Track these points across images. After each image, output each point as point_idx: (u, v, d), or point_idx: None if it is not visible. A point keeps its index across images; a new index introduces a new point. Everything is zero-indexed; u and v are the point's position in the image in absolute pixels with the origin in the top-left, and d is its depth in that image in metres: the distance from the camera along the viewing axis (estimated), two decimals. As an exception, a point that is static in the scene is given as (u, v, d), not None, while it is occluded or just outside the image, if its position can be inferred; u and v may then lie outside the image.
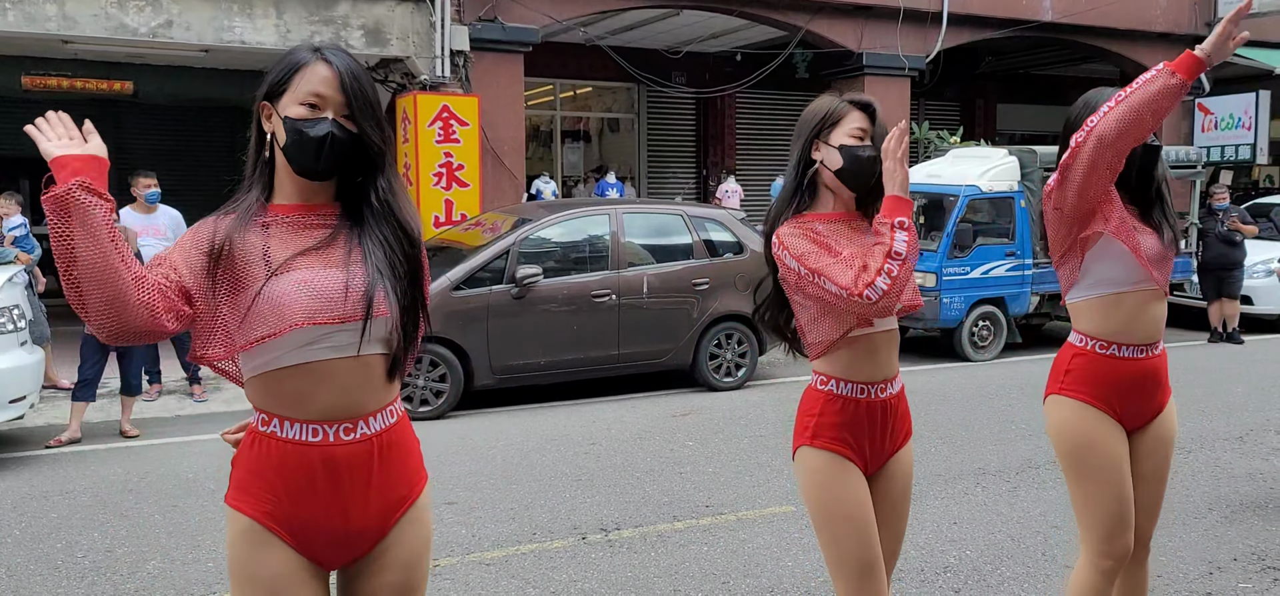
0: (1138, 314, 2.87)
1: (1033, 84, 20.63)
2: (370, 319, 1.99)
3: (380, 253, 2.04)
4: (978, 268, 10.78)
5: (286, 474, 1.99)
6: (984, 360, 10.81)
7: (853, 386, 2.59)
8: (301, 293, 1.95)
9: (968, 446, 6.80)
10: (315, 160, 1.98)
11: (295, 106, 1.99)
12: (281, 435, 1.99)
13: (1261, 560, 4.71)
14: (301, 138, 1.97)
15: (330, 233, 2.04)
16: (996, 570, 4.61)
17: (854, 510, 2.56)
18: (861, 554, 2.54)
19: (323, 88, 2.00)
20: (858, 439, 2.60)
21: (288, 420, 1.99)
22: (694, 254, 9.26)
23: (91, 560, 4.84)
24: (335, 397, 2.00)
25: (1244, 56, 17.14)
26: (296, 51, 2.06)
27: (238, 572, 2.02)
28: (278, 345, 1.97)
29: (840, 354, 2.59)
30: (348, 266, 2.01)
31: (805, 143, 2.62)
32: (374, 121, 2.04)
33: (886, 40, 14.86)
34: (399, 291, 2.04)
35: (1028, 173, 11.05)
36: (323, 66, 2.01)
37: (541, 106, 17.77)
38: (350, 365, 2.00)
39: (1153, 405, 2.98)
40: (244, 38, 10.74)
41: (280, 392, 2.00)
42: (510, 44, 12.54)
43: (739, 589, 4.43)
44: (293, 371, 1.98)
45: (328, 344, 1.99)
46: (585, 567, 4.69)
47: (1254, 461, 6.41)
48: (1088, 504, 2.92)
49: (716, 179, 17.64)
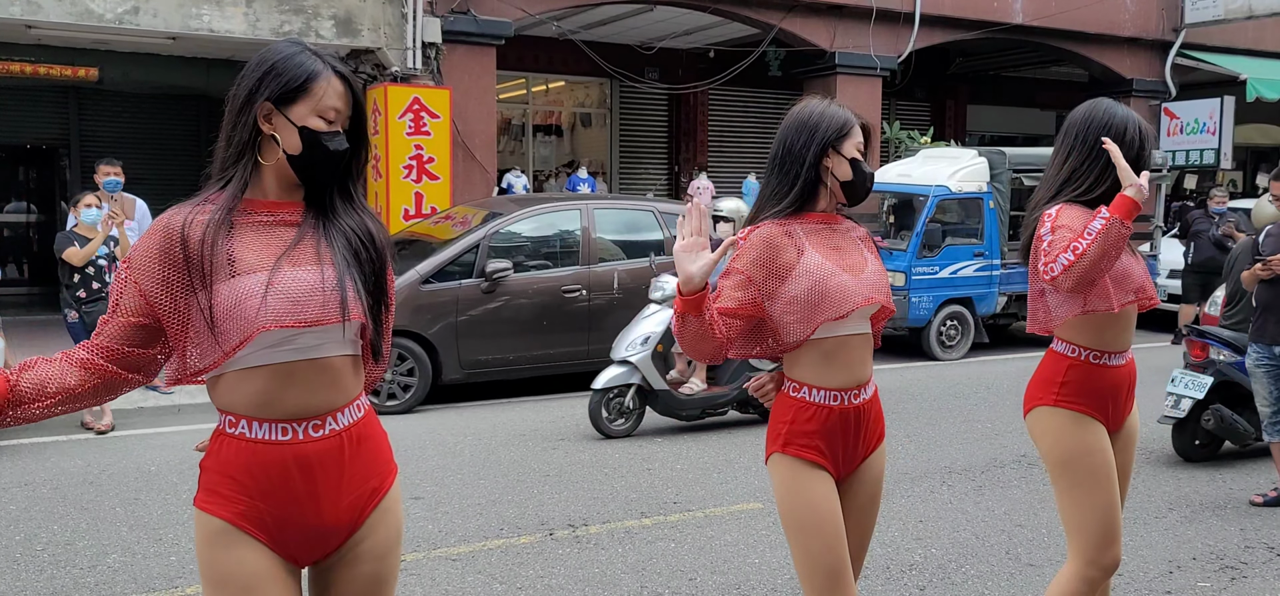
0: (1126, 325, 2.99)
1: (1003, 85, 20.83)
2: (346, 321, 1.99)
3: (349, 251, 2.05)
4: (946, 267, 10.86)
5: (257, 473, 1.98)
6: (951, 359, 10.89)
7: (825, 394, 2.61)
8: (270, 296, 1.92)
9: (934, 445, 6.86)
10: (330, 175, 2.04)
11: (314, 118, 2.00)
12: (250, 435, 1.98)
13: (1220, 559, 4.78)
14: (320, 153, 2.00)
15: (297, 231, 2.04)
16: (961, 568, 4.65)
17: (824, 518, 2.58)
18: (829, 560, 2.57)
19: (339, 103, 2.03)
20: (831, 446, 2.62)
21: (255, 420, 1.98)
22: (665, 250, 9.25)
23: (51, 553, 4.76)
24: (303, 397, 1.99)
25: (1209, 62, 17.42)
26: (302, 58, 2.01)
27: (210, 574, 2.00)
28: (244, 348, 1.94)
29: (812, 360, 2.61)
30: (321, 266, 2.01)
31: (817, 149, 2.64)
32: (366, 135, 2.12)
33: (859, 40, 14.93)
34: (367, 289, 2.06)
35: (997, 174, 11.14)
36: (338, 81, 2.03)
37: (514, 100, 17.71)
38: (317, 365, 2.00)
39: (1128, 407, 3.07)
40: (212, 26, 10.61)
41: (246, 393, 1.98)
42: (483, 37, 12.47)
43: (706, 585, 4.44)
44: (258, 372, 1.97)
45: (293, 346, 1.97)
46: (552, 563, 4.68)
47: (1214, 463, 6.50)
48: (1081, 514, 2.92)
49: (688, 175, 17.66)
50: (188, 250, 1.93)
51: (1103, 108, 2.97)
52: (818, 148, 2.65)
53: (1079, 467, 2.92)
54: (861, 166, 2.68)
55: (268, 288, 1.92)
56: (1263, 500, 5.60)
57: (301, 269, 1.98)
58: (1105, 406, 2.97)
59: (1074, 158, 2.95)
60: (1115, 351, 2.96)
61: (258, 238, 2.00)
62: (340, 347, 2.03)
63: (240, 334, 1.91)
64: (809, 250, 2.60)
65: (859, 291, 2.58)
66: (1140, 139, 2.93)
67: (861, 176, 2.67)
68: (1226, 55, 17.65)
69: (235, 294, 1.92)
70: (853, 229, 2.76)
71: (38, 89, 13.42)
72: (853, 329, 2.64)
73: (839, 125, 2.66)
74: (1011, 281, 11.11)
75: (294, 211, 2.06)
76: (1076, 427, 2.93)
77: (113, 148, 10.55)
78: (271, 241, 2.00)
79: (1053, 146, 3.09)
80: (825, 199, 2.70)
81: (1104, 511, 2.90)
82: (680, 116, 18.48)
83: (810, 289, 2.55)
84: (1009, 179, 11.24)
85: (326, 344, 2.01)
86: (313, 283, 1.97)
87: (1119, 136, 2.87)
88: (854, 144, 2.67)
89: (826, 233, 2.68)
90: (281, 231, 2.03)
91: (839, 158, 2.66)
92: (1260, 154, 22.51)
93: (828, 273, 2.57)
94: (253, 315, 1.91)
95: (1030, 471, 6.18)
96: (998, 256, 11.12)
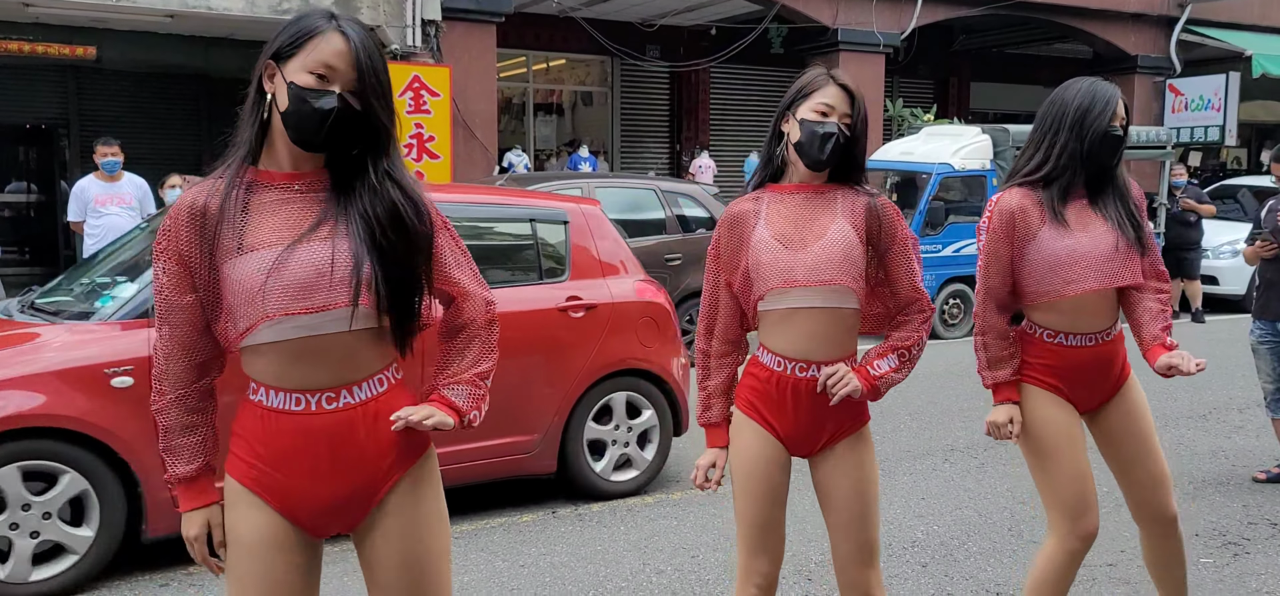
0: (1078, 310, 2.91)
1: (1006, 62, 20.72)
2: (356, 306, 1.94)
3: (367, 231, 1.96)
4: (949, 246, 10.83)
5: (268, 441, 1.99)
6: (954, 337, 10.88)
7: (773, 358, 2.62)
8: (272, 282, 1.90)
9: (936, 423, 6.85)
10: (316, 133, 1.92)
11: (303, 74, 1.91)
12: (267, 404, 1.99)
13: (1222, 535, 4.78)
14: (305, 108, 1.90)
15: (315, 207, 1.98)
16: (963, 545, 4.64)
17: (748, 473, 2.65)
18: (752, 513, 2.65)
19: (335, 60, 1.93)
20: (770, 411, 2.62)
21: (272, 389, 1.99)
22: (667, 229, 9.23)
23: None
24: (312, 372, 1.98)
25: (1215, 38, 17.31)
26: (310, 16, 1.98)
27: (227, 534, 2.06)
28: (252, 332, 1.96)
29: (765, 325, 2.64)
30: (333, 243, 1.94)
31: (780, 112, 2.61)
32: (383, 100, 1.97)
33: (861, 16, 14.85)
34: (385, 269, 1.97)
35: (1000, 151, 11.09)
36: (338, 38, 1.93)
37: (514, 78, 17.63)
38: (324, 341, 1.97)
39: (1106, 386, 3.02)
40: (211, 3, 10.54)
41: (260, 365, 2.00)
42: (483, 14, 12.40)
43: (708, 562, 4.43)
44: (267, 347, 1.97)
45: (297, 324, 1.95)
46: (555, 541, 4.68)
47: (1216, 439, 6.50)
48: (1049, 485, 2.98)
49: (690, 154, 17.60)
50: (206, 223, 1.94)
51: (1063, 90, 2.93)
52: (780, 110, 2.60)
53: (1038, 439, 2.96)
54: (813, 126, 2.48)
55: (270, 273, 1.90)
56: (1265, 476, 5.59)
57: (311, 248, 1.93)
58: (1073, 384, 2.96)
59: (1033, 137, 2.96)
60: (1077, 332, 2.92)
61: (271, 211, 1.96)
62: (354, 324, 1.97)
63: (247, 320, 1.92)
64: (762, 223, 2.57)
65: (792, 269, 2.51)
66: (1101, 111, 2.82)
67: (810, 136, 2.48)
68: (1232, 30, 17.53)
69: (240, 275, 1.92)
70: (844, 199, 2.57)
71: (36, 68, 13.35)
72: (801, 303, 2.55)
73: (802, 84, 2.57)
74: (1014, 259, 11.06)
75: (310, 182, 1.99)
76: (1036, 402, 2.96)
77: (112, 127, 10.50)
78: (286, 216, 1.96)
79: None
80: (798, 171, 2.58)
81: (1070, 482, 2.93)
82: (682, 94, 18.41)
83: (750, 265, 2.58)
84: (1012, 157, 11.17)
85: (333, 322, 1.96)
86: (321, 265, 1.92)
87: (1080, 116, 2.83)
88: (815, 104, 2.50)
89: (796, 202, 2.57)
90: (297, 204, 1.97)
91: (794, 120, 2.54)
92: (1265, 131, 22.41)
93: (763, 247, 2.55)
94: (255, 302, 1.90)
95: (1033, 448, 6.17)
96: (1000, 234, 11.06)
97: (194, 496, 2.05)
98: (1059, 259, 2.84)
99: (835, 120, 2.50)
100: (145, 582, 4.23)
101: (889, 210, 2.60)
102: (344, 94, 1.93)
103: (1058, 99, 2.92)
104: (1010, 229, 2.88)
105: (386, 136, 2.00)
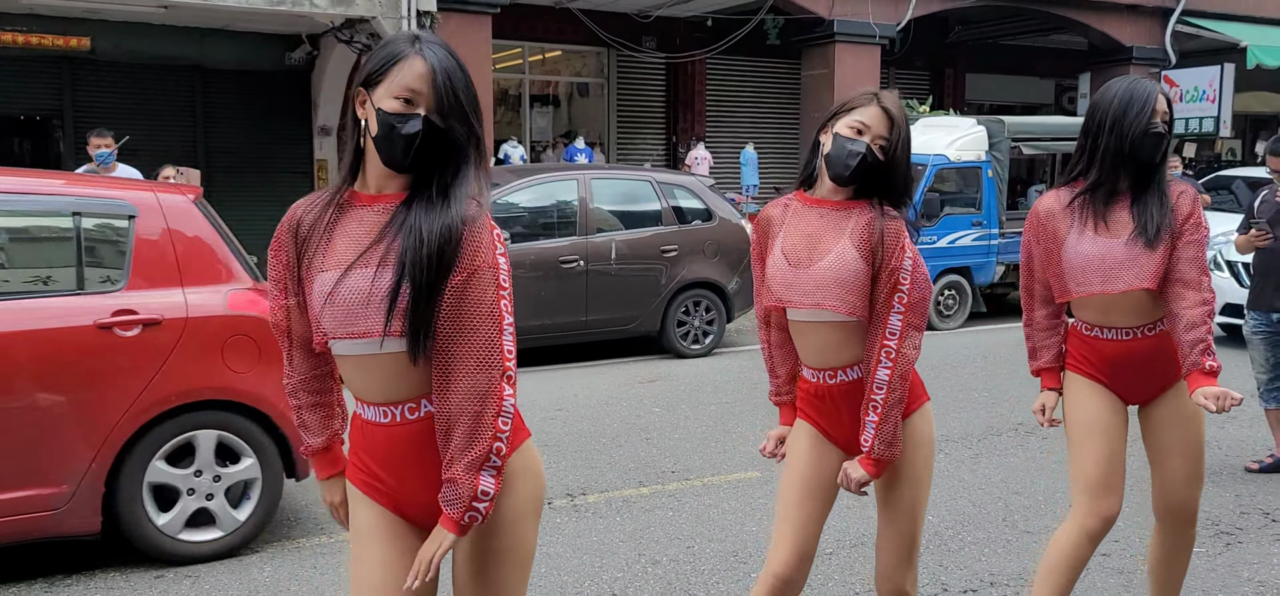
0: (1107, 308, 3.01)
1: (1002, 54, 20.71)
2: (387, 335, 1.97)
3: (410, 247, 1.96)
4: (944, 237, 10.84)
5: (370, 451, 2.14)
6: (949, 328, 10.90)
7: (806, 369, 2.82)
8: (328, 305, 2.01)
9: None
10: (403, 156, 1.99)
11: (390, 100, 1.98)
12: (363, 416, 2.14)
13: (1215, 524, 4.81)
14: (392, 133, 1.98)
15: (379, 229, 2.01)
16: (958, 535, 4.66)
17: (789, 464, 2.85)
18: (782, 505, 2.82)
19: (418, 84, 1.98)
20: (818, 414, 2.81)
21: (363, 403, 2.13)
22: (663, 220, 9.23)
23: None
24: (371, 388, 2.08)
25: (1210, 29, 17.33)
26: (396, 41, 2.05)
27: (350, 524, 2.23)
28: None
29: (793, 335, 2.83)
30: (376, 270, 1.97)
31: (820, 124, 2.72)
32: (461, 119, 2.00)
33: (857, 8, 14.83)
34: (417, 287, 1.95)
35: (996, 143, 11.10)
36: (419, 62, 1.99)
37: (510, 69, 17.59)
38: (378, 362, 2.04)
39: (1153, 381, 3.07)
40: (205, -5, 10.51)
41: (346, 376, 2.15)
42: (478, 5, 12.38)
43: (704, 553, 4.45)
44: (342, 361, 2.11)
45: (352, 346, 2.05)
46: (550, 532, 4.69)
47: (1210, 429, 6.49)
48: (1076, 464, 3.09)
49: (686, 145, 17.59)
50: (298, 236, 2.10)
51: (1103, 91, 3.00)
52: (823, 121, 2.71)
53: (1071, 422, 3.11)
54: (844, 142, 2.58)
55: (327, 296, 2.00)
56: (1258, 466, 5.62)
57: (360, 274, 1.98)
58: (1112, 373, 3.07)
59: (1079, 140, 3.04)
60: (1108, 326, 3.04)
61: (348, 233, 2.04)
62: (384, 349, 2.00)
63: (320, 335, 2.07)
64: (781, 235, 2.71)
65: (791, 289, 2.66)
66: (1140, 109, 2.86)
67: (838, 151, 2.58)
68: (1227, 22, 17.55)
69: (312, 295, 2.05)
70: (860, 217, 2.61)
71: (30, 60, 13.31)
72: (806, 316, 2.70)
73: (847, 100, 2.68)
74: (1009, 251, 11.10)
75: (392, 203, 2.04)
76: (1074, 388, 3.14)
77: (106, 118, 10.49)
78: (356, 238, 2.03)
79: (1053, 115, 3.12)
80: (828, 185, 2.68)
81: (1096, 464, 3.04)
82: (678, 86, 18.37)
83: (766, 276, 2.76)
84: (1008, 148, 11.20)
85: (371, 346, 2.01)
86: (364, 290, 1.97)
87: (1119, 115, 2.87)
88: (852, 121, 2.59)
89: (815, 217, 2.67)
90: (370, 226, 2.03)
91: (829, 133, 2.66)
92: (1260, 122, 22.44)
93: (774, 263, 2.71)
94: (320, 322, 2.04)
95: (1027, 439, 6.19)
96: (996, 226, 11.10)
97: (328, 464, 2.29)
98: (1075, 261, 2.97)
99: (867, 140, 2.57)
100: (141, 574, 4.24)
101: (892, 234, 2.58)
102: (428, 116, 1.98)
103: (1099, 100, 2.96)
104: (1038, 230, 3.07)
105: (463, 153, 2.02)
